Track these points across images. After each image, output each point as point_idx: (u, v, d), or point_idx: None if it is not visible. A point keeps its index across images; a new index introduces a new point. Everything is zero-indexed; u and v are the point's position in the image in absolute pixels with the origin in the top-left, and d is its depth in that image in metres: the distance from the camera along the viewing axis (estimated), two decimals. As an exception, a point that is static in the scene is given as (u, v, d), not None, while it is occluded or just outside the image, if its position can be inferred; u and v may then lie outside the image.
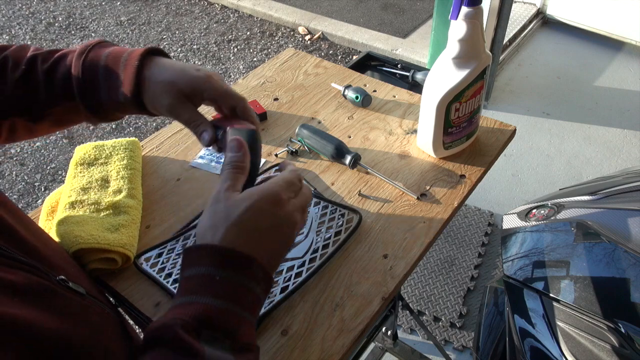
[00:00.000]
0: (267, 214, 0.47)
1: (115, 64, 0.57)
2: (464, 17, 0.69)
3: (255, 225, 0.46)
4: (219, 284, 0.43)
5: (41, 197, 2.21)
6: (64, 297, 0.43)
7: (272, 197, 0.47)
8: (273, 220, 0.47)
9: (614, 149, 2.21)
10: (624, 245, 0.87)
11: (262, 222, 0.46)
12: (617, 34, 2.73)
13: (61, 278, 0.45)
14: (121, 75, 0.56)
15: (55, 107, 0.58)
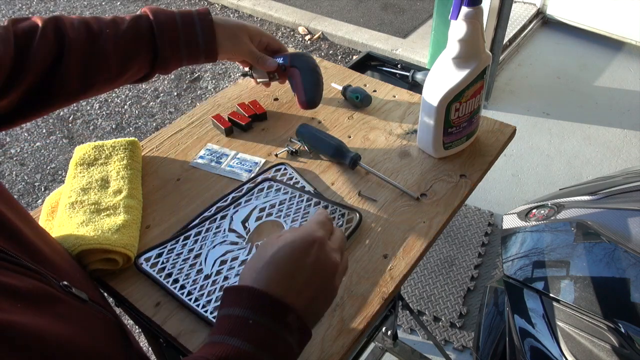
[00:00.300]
0: (302, 254, 0.47)
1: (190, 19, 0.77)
2: (464, 17, 0.69)
3: (290, 266, 0.46)
4: (251, 328, 0.43)
5: (41, 197, 2.21)
6: (67, 304, 0.43)
7: (308, 237, 0.48)
8: (309, 261, 0.47)
9: (614, 149, 2.21)
10: (624, 245, 0.87)
11: (297, 263, 0.47)
12: (617, 34, 2.73)
13: (65, 284, 0.45)
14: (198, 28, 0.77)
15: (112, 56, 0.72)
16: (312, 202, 0.75)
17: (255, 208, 0.75)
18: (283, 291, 0.45)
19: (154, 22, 0.74)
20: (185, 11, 0.77)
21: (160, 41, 0.74)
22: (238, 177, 0.81)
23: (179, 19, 0.76)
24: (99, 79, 0.72)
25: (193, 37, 0.77)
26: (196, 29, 0.77)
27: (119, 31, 0.72)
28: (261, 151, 0.86)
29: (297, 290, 0.46)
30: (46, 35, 0.66)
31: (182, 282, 0.65)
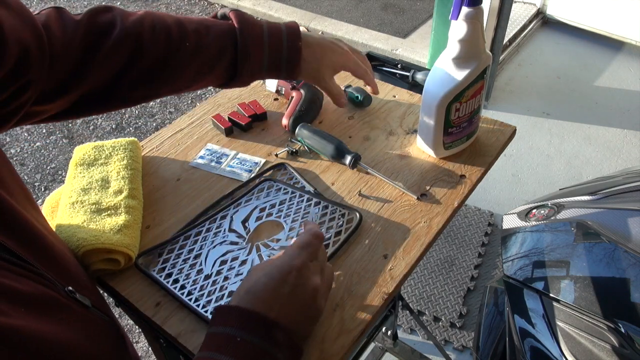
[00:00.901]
0: (279, 283, 0.50)
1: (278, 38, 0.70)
2: (464, 17, 0.69)
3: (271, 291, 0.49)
4: (239, 346, 0.44)
5: (41, 197, 2.21)
6: (70, 310, 0.43)
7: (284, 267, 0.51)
8: (287, 289, 0.50)
9: (614, 149, 2.21)
10: (624, 245, 0.87)
11: (280, 288, 0.49)
12: (617, 34, 2.73)
13: (70, 290, 0.45)
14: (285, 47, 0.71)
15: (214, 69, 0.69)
16: (312, 202, 0.75)
17: (256, 208, 0.75)
18: (267, 309, 0.48)
19: (240, 43, 0.67)
20: (274, 28, 0.71)
21: (241, 65, 0.69)
22: (238, 177, 0.81)
23: (266, 40, 0.69)
24: (165, 90, 0.68)
25: (277, 62, 0.71)
26: (282, 52, 0.71)
27: (201, 46, 0.66)
28: (261, 151, 0.86)
29: (280, 310, 0.48)
30: (121, 41, 0.59)
31: (182, 282, 0.65)
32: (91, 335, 0.44)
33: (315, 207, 0.74)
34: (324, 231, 0.71)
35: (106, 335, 0.48)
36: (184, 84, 0.68)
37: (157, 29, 0.62)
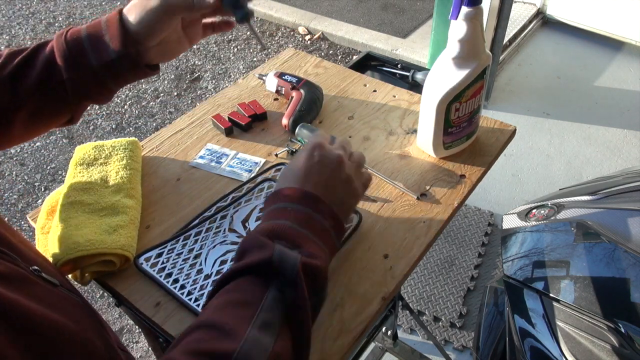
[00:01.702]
0: (308, 159, 0.57)
1: (97, 28, 0.59)
2: (464, 17, 0.69)
3: (303, 168, 0.56)
4: (291, 212, 0.52)
5: (41, 197, 2.21)
6: (39, 286, 0.44)
7: (308, 149, 0.58)
8: (316, 160, 0.57)
9: (614, 149, 2.21)
10: (624, 245, 0.87)
11: (308, 165, 0.56)
12: (617, 34, 2.73)
13: (35, 268, 0.46)
14: (105, 32, 0.59)
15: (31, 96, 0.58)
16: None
17: (255, 208, 0.75)
18: (303, 183, 0.55)
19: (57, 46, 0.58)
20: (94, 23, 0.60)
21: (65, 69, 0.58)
22: (238, 177, 0.81)
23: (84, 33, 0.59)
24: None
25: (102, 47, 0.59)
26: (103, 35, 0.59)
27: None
28: (261, 151, 0.86)
29: (315, 183, 0.55)
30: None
31: (182, 282, 0.65)
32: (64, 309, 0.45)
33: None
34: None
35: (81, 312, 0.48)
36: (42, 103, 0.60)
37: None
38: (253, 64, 2.95)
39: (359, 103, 0.95)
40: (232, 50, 3.07)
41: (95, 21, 0.60)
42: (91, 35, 0.59)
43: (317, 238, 0.51)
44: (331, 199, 0.55)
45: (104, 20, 0.60)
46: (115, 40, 0.58)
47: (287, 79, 0.94)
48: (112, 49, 0.58)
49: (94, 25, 0.60)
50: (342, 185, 0.57)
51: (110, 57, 0.58)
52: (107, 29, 0.59)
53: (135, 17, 0.59)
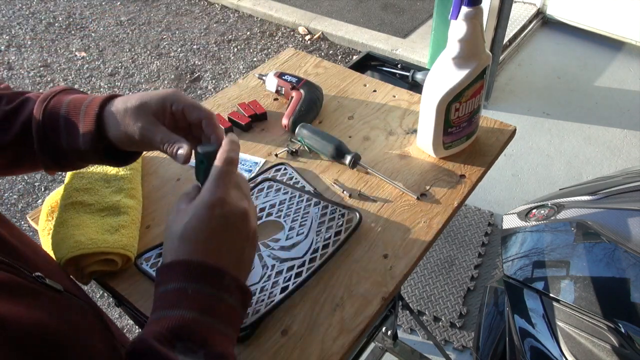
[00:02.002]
0: (208, 220, 0.47)
1: (76, 111, 0.56)
2: (464, 17, 0.69)
3: (203, 232, 0.47)
4: (192, 296, 0.44)
5: (41, 197, 2.21)
6: (41, 295, 0.43)
7: (207, 204, 0.48)
8: (217, 223, 0.48)
9: (614, 149, 2.21)
10: (624, 245, 0.87)
11: (210, 225, 0.47)
12: (617, 34, 2.73)
13: (38, 275, 0.45)
14: (81, 121, 0.55)
15: (10, 149, 0.57)
16: (312, 202, 0.75)
17: (256, 208, 0.75)
18: (207, 255, 0.47)
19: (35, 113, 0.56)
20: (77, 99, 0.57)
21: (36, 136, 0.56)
22: (238, 177, 0.81)
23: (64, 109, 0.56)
24: None
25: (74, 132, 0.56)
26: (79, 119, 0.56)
27: None
28: (261, 151, 0.86)
29: (218, 250, 0.47)
30: None
31: (182, 282, 0.65)
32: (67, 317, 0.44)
33: (315, 207, 0.74)
34: (324, 231, 0.71)
35: (83, 317, 0.47)
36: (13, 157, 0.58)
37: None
38: (253, 64, 2.95)
39: (359, 103, 0.95)
40: (232, 50, 3.07)
41: (77, 98, 0.57)
42: (68, 117, 0.56)
43: (224, 324, 0.45)
44: (237, 264, 0.49)
45: (85, 105, 0.56)
46: (87, 136, 0.55)
47: (287, 79, 0.94)
48: (82, 142, 0.55)
49: (75, 104, 0.56)
50: (248, 243, 0.50)
51: (79, 147, 0.55)
52: (84, 119, 0.55)
53: (115, 135, 0.55)
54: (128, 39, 3.24)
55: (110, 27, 3.37)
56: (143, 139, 0.54)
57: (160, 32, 3.30)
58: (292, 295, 0.63)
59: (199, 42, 3.17)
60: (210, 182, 0.49)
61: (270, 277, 0.66)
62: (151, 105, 0.54)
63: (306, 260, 0.67)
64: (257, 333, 0.60)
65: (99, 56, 3.08)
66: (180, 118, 0.56)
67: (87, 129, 0.55)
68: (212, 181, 0.49)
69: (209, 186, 0.49)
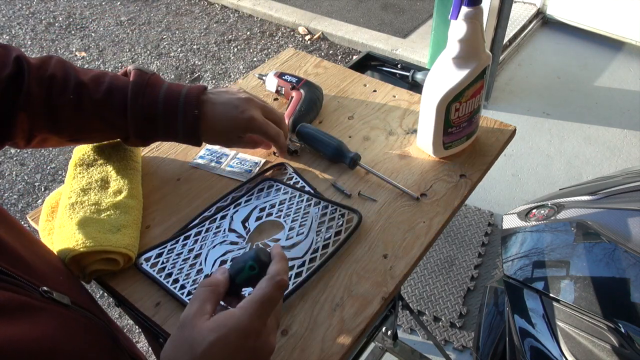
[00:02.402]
0: (237, 350, 0.42)
1: (174, 108, 0.68)
2: (464, 17, 0.69)
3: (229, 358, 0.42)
4: None
5: (41, 197, 2.21)
6: (45, 312, 0.42)
7: (243, 331, 0.42)
8: (245, 354, 0.43)
9: (614, 149, 2.21)
10: (624, 245, 0.87)
11: (231, 357, 0.42)
12: (617, 34, 2.73)
13: (44, 290, 0.44)
14: (180, 120, 0.68)
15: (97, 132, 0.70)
16: (312, 202, 0.75)
17: (255, 208, 0.75)
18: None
19: (130, 106, 0.67)
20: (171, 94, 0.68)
21: (133, 130, 0.69)
22: (238, 177, 0.81)
23: (161, 108, 0.68)
24: (50, 141, 0.69)
25: (173, 129, 0.70)
26: (177, 120, 0.69)
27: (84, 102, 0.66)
28: (261, 151, 0.86)
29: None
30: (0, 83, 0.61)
31: (182, 282, 0.65)
32: (71, 334, 0.43)
33: (315, 207, 0.74)
34: (324, 231, 0.71)
35: (89, 332, 0.47)
36: (67, 139, 0.70)
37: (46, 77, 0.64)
38: (253, 64, 2.95)
39: (359, 103, 0.95)
40: (232, 50, 3.07)
41: (174, 88, 0.69)
42: (167, 111, 0.68)
43: None
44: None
45: (183, 95, 0.68)
46: (184, 130, 0.70)
47: (287, 79, 0.94)
48: (180, 135, 0.71)
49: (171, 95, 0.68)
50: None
51: (175, 139, 0.72)
52: (184, 115, 0.68)
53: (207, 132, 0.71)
54: (128, 39, 3.24)
55: (110, 27, 3.37)
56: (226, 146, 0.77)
57: (160, 32, 3.30)
58: (292, 295, 0.64)
59: (199, 42, 3.17)
60: (254, 303, 0.44)
61: (270, 277, 0.66)
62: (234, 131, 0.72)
63: (306, 260, 0.67)
64: (257, 333, 0.60)
65: (99, 56, 3.08)
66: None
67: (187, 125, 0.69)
68: (256, 304, 0.44)
69: (251, 309, 0.43)
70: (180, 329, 0.43)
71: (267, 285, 0.45)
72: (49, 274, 0.50)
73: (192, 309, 0.44)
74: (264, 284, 0.45)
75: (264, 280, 0.45)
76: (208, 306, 0.44)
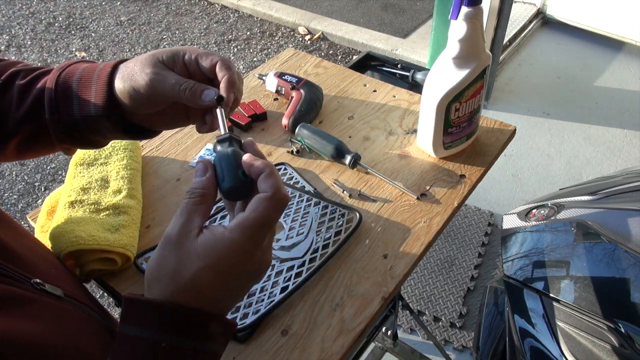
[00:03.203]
0: (227, 277, 0.39)
1: (89, 77, 0.51)
2: (464, 17, 0.69)
3: (212, 290, 0.38)
4: (166, 354, 0.36)
5: (41, 197, 2.21)
6: (37, 303, 0.42)
7: (235, 257, 0.38)
8: (237, 280, 0.40)
9: (614, 149, 2.21)
10: (624, 245, 0.87)
11: (222, 284, 0.39)
12: (617, 34, 2.73)
13: (36, 281, 0.43)
14: (93, 85, 0.50)
15: (23, 126, 0.52)
16: (312, 202, 0.75)
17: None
18: (211, 304, 0.39)
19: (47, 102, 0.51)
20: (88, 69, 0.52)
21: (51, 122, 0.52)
22: (238, 177, 0.81)
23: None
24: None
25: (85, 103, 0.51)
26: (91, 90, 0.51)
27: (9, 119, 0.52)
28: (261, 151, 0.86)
29: (226, 301, 0.40)
30: None
31: (182, 282, 0.65)
32: (64, 325, 0.43)
33: (315, 207, 0.74)
34: (324, 231, 0.71)
35: (82, 323, 0.47)
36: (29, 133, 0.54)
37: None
38: (253, 64, 2.95)
39: (359, 103, 0.95)
40: (232, 51, 3.07)
41: (93, 65, 0.53)
42: (81, 83, 0.51)
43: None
44: (230, 305, 0.41)
45: (98, 69, 0.52)
46: (99, 96, 0.50)
47: (287, 79, 0.94)
48: (94, 104, 0.50)
49: (88, 70, 0.52)
50: (250, 286, 0.43)
51: (90, 113, 0.50)
52: (96, 82, 0.51)
53: (122, 90, 0.49)
54: (128, 39, 3.24)
55: (110, 27, 3.37)
56: (154, 84, 0.47)
57: (160, 32, 3.30)
58: (292, 295, 0.63)
59: (199, 42, 3.17)
60: (249, 226, 0.39)
61: (270, 277, 0.66)
62: (161, 56, 0.49)
63: (306, 260, 0.67)
64: (257, 333, 0.60)
65: (99, 56, 3.08)
66: (195, 70, 0.49)
67: (99, 92, 0.50)
68: (252, 227, 0.39)
69: (245, 232, 0.38)
70: (164, 247, 0.40)
71: (266, 206, 0.39)
72: (41, 267, 0.50)
73: (178, 225, 0.40)
74: (263, 205, 0.39)
75: (262, 200, 0.39)
76: (196, 219, 0.40)
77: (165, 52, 0.49)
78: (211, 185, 0.42)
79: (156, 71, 0.48)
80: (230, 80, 0.48)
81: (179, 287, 0.38)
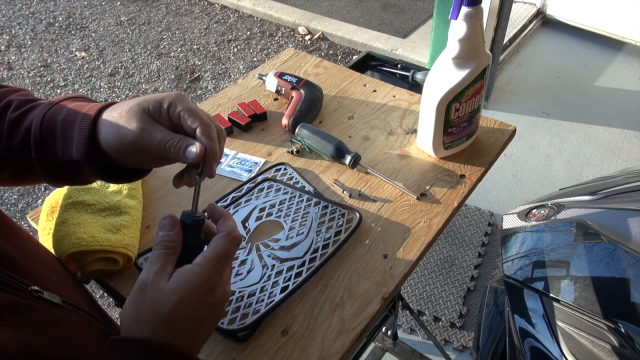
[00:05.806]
0: (199, 306, 0.44)
1: (73, 119, 0.50)
2: (464, 17, 0.69)
3: (187, 320, 0.43)
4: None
5: (41, 197, 2.21)
6: (33, 311, 0.42)
7: (204, 287, 0.44)
8: (206, 308, 0.45)
9: (614, 149, 2.21)
10: (624, 245, 0.87)
11: (195, 314, 0.44)
12: (617, 34, 2.73)
13: (34, 289, 0.43)
14: (76, 128, 0.50)
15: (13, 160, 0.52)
16: (312, 202, 0.75)
17: (255, 208, 0.75)
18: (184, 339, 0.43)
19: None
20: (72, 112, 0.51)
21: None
22: (238, 177, 0.81)
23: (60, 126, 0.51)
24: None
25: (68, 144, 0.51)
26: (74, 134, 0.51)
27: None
28: (261, 151, 0.86)
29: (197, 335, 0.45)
30: None
31: (182, 282, 0.65)
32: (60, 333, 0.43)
33: (315, 207, 0.74)
34: (324, 231, 0.71)
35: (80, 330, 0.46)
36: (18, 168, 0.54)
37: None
38: (253, 64, 2.95)
39: (359, 103, 0.95)
40: (232, 50, 3.07)
41: (79, 106, 0.52)
42: (65, 124, 0.50)
43: None
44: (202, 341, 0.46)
45: (83, 111, 0.51)
46: (81, 143, 0.49)
47: (287, 79, 0.94)
48: (75, 149, 0.50)
49: (74, 112, 0.51)
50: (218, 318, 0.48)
51: (72, 157, 0.50)
52: (80, 126, 0.50)
53: (106, 140, 0.49)
54: (128, 39, 3.24)
55: (110, 27, 3.37)
56: (140, 140, 0.48)
57: (160, 32, 3.30)
58: (292, 295, 0.64)
59: (199, 42, 3.17)
60: (212, 260, 0.45)
61: (270, 277, 0.66)
62: (147, 107, 0.49)
63: (306, 260, 0.67)
64: (257, 333, 0.60)
65: (99, 56, 3.08)
66: (178, 123, 0.50)
67: (81, 137, 0.49)
68: (214, 260, 0.45)
69: (210, 265, 0.45)
70: (140, 291, 0.44)
71: (224, 242, 0.46)
72: (40, 273, 0.50)
73: (153, 271, 0.44)
74: (221, 241, 0.46)
75: (220, 237, 0.46)
76: (169, 267, 0.45)
77: (151, 102, 0.49)
78: (179, 239, 0.47)
79: (142, 126, 0.48)
80: (211, 152, 0.49)
81: (159, 324, 0.42)
